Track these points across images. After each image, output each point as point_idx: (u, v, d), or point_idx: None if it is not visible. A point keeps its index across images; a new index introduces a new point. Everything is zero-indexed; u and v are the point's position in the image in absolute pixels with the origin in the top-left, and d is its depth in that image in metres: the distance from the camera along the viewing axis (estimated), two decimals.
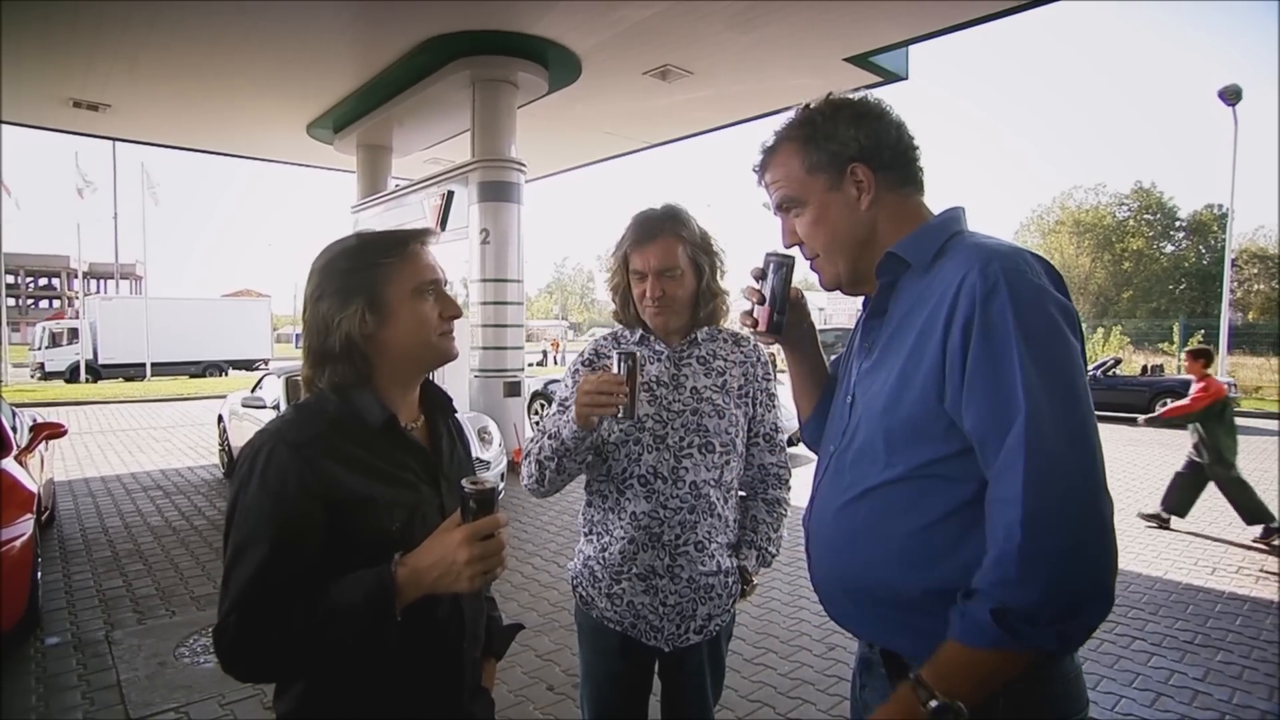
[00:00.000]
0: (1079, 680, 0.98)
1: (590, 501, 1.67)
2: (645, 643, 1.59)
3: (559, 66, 8.01)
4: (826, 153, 1.05)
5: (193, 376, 23.11)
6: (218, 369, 24.32)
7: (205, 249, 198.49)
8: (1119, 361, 14.93)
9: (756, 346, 1.71)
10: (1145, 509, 5.87)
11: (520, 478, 1.69)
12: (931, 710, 0.85)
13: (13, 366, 22.82)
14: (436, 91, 8.31)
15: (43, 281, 53.26)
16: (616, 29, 7.11)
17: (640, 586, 1.57)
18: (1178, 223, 40.63)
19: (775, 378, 1.75)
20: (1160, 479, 5.90)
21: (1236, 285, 35.23)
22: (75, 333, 22.43)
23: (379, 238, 1.14)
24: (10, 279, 39.25)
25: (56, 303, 50.95)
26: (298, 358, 1.56)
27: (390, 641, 0.98)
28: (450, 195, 8.60)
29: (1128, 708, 2.98)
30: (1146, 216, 40.86)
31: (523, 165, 8.23)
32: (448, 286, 1.16)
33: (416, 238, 1.13)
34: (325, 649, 0.97)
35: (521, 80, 8.03)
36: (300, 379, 1.13)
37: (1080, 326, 0.94)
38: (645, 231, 1.58)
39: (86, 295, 31.13)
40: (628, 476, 1.58)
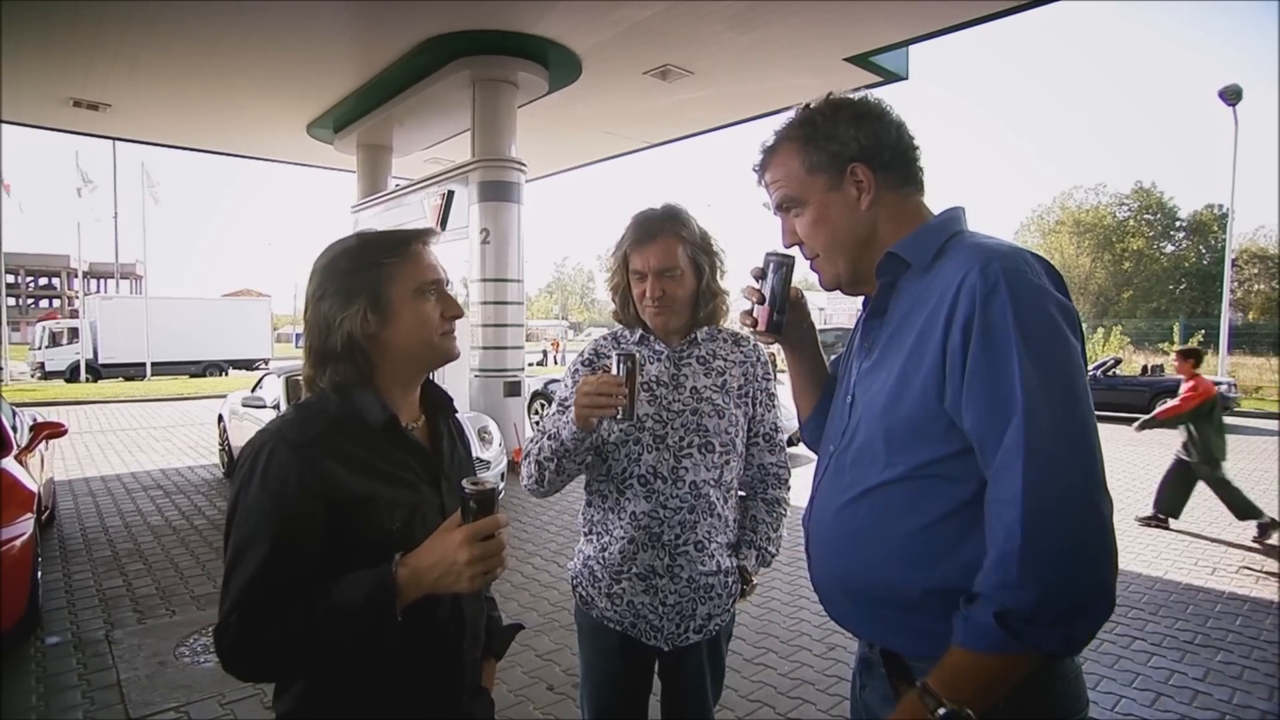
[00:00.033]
0: (1079, 680, 0.98)
1: (590, 501, 1.67)
2: (645, 642, 1.59)
3: (559, 66, 8.01)
4: (826, 153, 1.05)
5: (193, 376, 23.11)
6: (218, 369, 24.32)
7: (205, 248, 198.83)
8: (1119, 361, 14.94)
9: (756, 346, 1.71)
10: (1141, 513, 5.89)
11: (520, 478, 1.69)
12: (940, 717, 0.85)
13: (13, 366, 22.78)
14: (437, 91, 8.31)
15: (43, 281, 53.27)
16: (617, 29, 7.11)
17: (640, 586, 1.57)
18: (1178, 223, 40.67)
19: (775, 377, 1.75)
20: (1160, 479, 5.93)
21: (1237, 285, 35.22)
22: (75, 332, 22.43)
23: (381, 237, 1.14)
24: (10, 279, 39.21)
25: (56, 302, 50.92)
26: (298, 357, 1.56)
27: (390, 641, 0.98)
28: (450, 195, 8.60)
29: (1128, 708, 2.98)
30: (1147, 216, 40.89)
31: (523, 165, 8.23)
32: (449, 286, 1.16)
33: (418, 237, 1.14)
34: (326, 649, 0.97)
35: (522, 80, 8.03)
36: (301, 378, 1.13)
37: (1080, 326, 0.94)
38: (645, 231, 1.58)
39: (86, 295, 31.12)
40: (627, 476, 1.58)
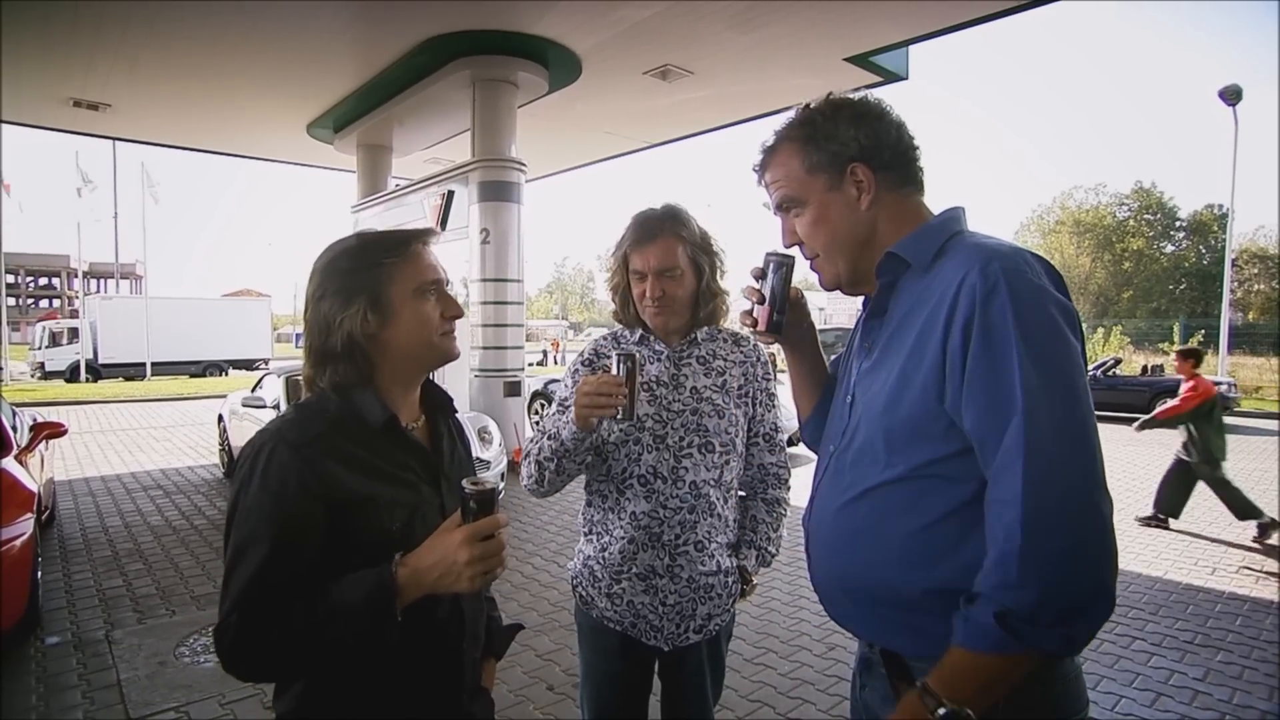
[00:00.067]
0: (1079, 680, 0.98)
1: (590, 501, 1.67)
2: (645, 642, 1.59)
3: (559, 66, 8.01)
4: (826, 153, 1.05)
5: (193, 376, 23.11)
6: (218, 369, 24.32)
7: (205, 249, 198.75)
8: (1119, 361, 14.93)
9: (756, 346, 1.71)
10: (1141, 513, 5.89)
11: (520, 478, 1.69)
12: (940, 717, 0.85)
13: (13, 366, 22.78)
14: (437, 91, 8.31)
15: (43, 281, 53.27)
16: (617, 29, 7.11)
17: (640, 586, 1.57)
18: (1178, 223, 40.68)
19: (775, 377, 1.75)
20: (1160, 479, 5.94)
21: (1237, 285, 35.24)
22: (75, 332, 22.43)
23: (381, 237, 1.14)
24: (10, 279, 39.21)
25: (56, 302, 50.91)
26: (298, 357, 1.56)
27: (390, 641, 0.98)
28: (450, 195, 8.60)
29: (1128, 708, 2.98)
30: (1147, 216, 40.91)
31: (523, 165, 8.23)
32: (449, 286, 1.16)
33: (418, 237, 1.14)
34: (326, 649, 0.97)
35: (522, 80, 8.03)
36: (301, 378, 1.14)
37: (1080, 326, 0.94)
38: (645, 231, 1.58)
39: (86, 295, 31.11)
40: (627, 476, 1.58)
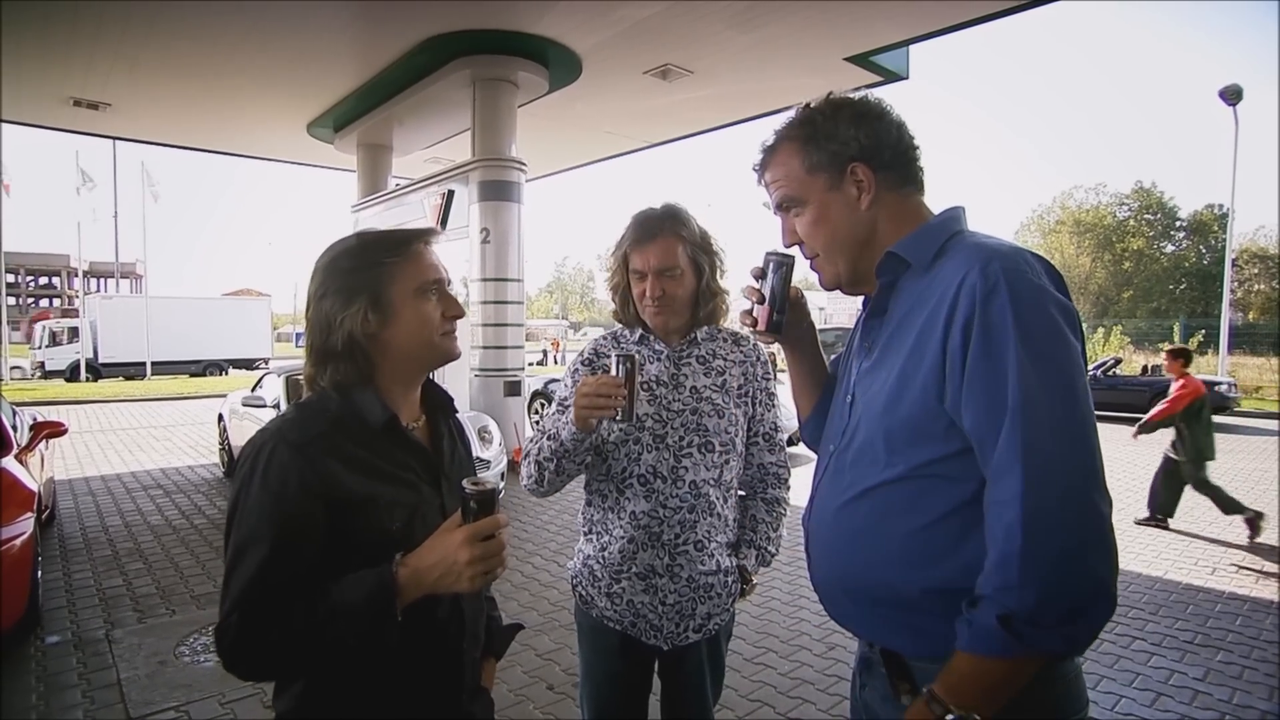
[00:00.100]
0: (1079, 680, 0.98)
1: (590, 501, 1.68)
2: (645, 642, 1.59)
3: (559, 66, 8.01)
4: (827, 152, 1.05)
5: (193, 375, 23.11)
6: (218, 368, 24.32)
7: (205, 248, 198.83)
8: (1119, 361, 14.92)
9: (756, 346, 1.71)
10: (1139, 515, 5.90)
11: (520, 477, 1.69)
12: None
13: (12, 366, 22.79)
14: (437, 91, 8.31)
15: (43, 280, 53.27)
16: (617, 28, 7.11)
17: (640, 585, 1.57)
18: (1178, 223, 40.65)
19: (775, 377, 1.75)
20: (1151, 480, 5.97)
21: (1237, 285, 35.24)
22: (75, 331, 22.43)
23: (383, 237, 1.14)
24: (10, 278, 39.19)
25: (57, 301, 50.89)
26: (298, 357, 1.56)
27: (390, 641, 0.98)
28: (450, 194, 8.60)
29: (1128, 708, 2.98)
30: (1147, 216, 40.89)
31: (523, 164, 8.23)
32: (450, 286, 1.16)
33: (420, 237, 1.14)
34: (326, 648, 0.97)
35: (522, 79, 8.03)
36: (301, 378, 1.14)
37: (1081, 326, 0.94)
38: (645, 231, 1.58)
39: (87, 294, 31.09)
40: (627, 476, 1.58)
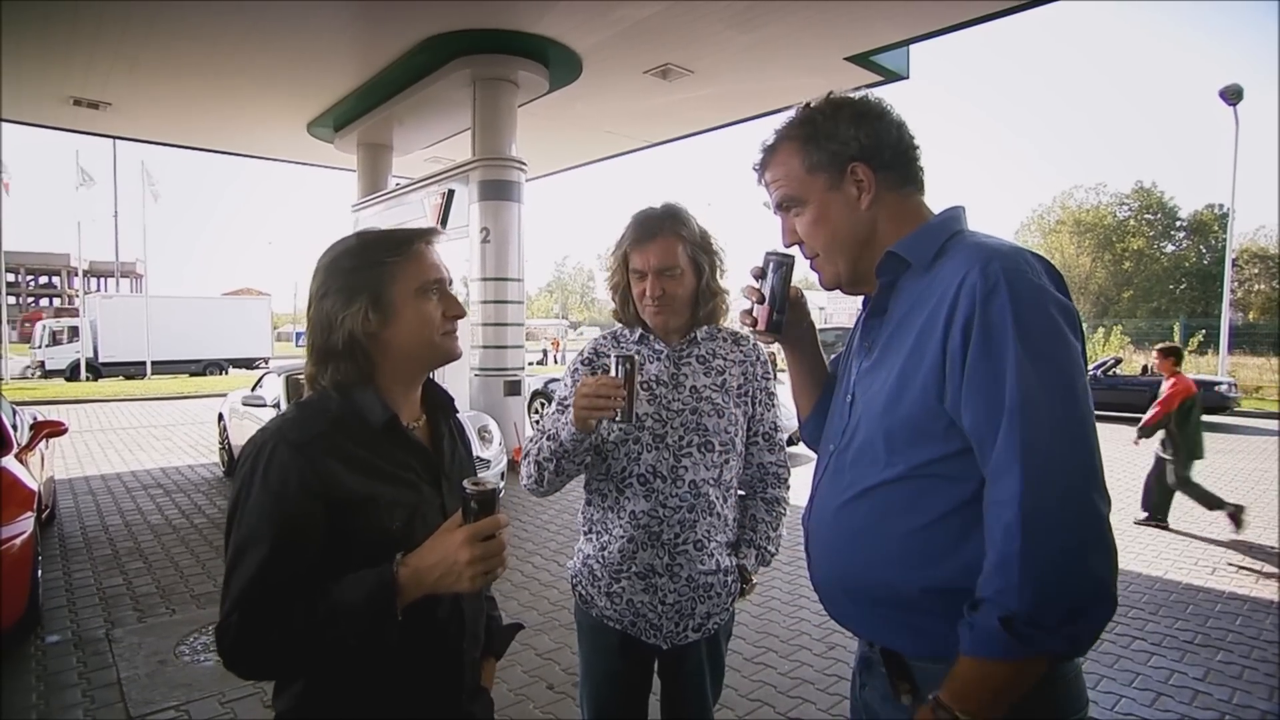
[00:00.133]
0: (1079, 680, 0.98)
1: (590, 500, 1.68)
2: (644, 641, 1.59)
3: (559, 65, 8.01)
4: (827, 152, 1.05)
5: (193, 375, 23.09)
6: (218, 367, 24.30)
7: (206, 247, 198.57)
8: (1119, 361, 14.92)
9: (756, 345, 1.72)
10: (1139, 516, 5.92)
11: (520, 477, 1.69)
12: None
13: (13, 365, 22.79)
14: (437, 90, 8.31)
15: (43, 279, 53.27)
16: (617, 28, 7.11)
17: (640, 585, 1.57)
18: (1178, 222, 40.64)
19: (775, 377, 1.75)
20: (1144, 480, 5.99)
21: (1237, 285, 35.23)
22: (76, 331, 22.42)
23: (384, 236, 1.14)
24: (10, 277, 39.17)
25: (57, 301, 50.89)
26: (298, 356, 1.56)
27: (391, 641, 0.98)
28: (451, 194, 8.60)
29: (1128, 708, 2.98)
30: (1147, 216, 40.87)
31: (523, 164, 8.23)
32: (451, 286, 1.16)
33: (421, 237, 1.14)
34: (326, 648, 0.97)
35: (522, 79, 8.03)
36: (301, 377, 1.13)
37: (1081, 326, 0.94)
38: (645, 230, 1.58)
39: (87, 293, 31.09)
40: (627, 475, 1.58)
